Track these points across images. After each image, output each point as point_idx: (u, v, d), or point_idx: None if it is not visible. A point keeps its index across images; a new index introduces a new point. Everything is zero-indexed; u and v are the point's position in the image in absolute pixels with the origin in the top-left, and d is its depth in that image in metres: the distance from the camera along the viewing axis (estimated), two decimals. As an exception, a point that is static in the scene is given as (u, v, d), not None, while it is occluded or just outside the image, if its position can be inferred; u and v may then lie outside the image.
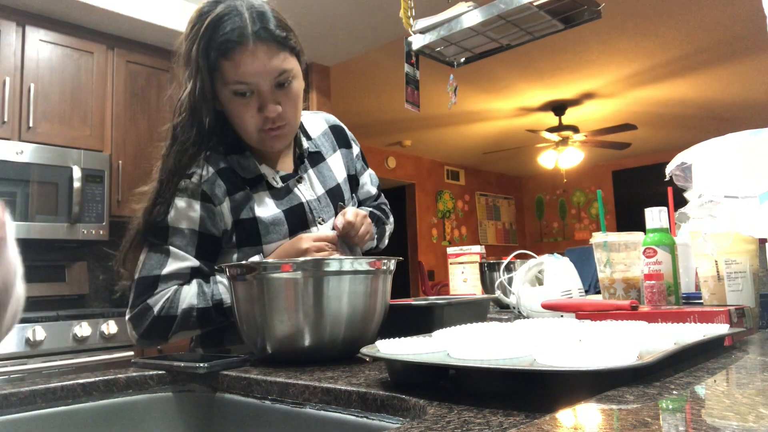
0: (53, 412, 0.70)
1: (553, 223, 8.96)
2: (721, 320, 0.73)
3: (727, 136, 1.02)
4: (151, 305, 0.99)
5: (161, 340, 1.01)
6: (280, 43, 1.03)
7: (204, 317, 1.00)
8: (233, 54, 1.00)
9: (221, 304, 1.00)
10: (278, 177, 1.13)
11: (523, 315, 1.20)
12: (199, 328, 1.03)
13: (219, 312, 1.01)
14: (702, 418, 0.42)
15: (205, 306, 1.00)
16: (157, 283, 1.00)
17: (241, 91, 1.02)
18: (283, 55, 1.03)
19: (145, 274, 1.01)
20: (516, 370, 0.50)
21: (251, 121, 1.05)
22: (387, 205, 1.41)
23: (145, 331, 1.00)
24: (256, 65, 1.00)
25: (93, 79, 3.08)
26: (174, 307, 0.99)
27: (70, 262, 3.13)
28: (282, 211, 1.10)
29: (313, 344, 0.79)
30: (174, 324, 0.99)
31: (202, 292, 1.01)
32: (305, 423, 0.63)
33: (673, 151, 1.21)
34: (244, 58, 1.00)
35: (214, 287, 1.01)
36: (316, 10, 3.17)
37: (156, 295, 1.00)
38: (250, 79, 1.01)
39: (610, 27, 4.00)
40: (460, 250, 1.98)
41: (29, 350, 2.41)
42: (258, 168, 1.11)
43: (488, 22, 1.61)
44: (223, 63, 1.01)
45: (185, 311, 0.99)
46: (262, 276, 0.79)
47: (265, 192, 1.11)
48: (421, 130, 6.47)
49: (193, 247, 1.03)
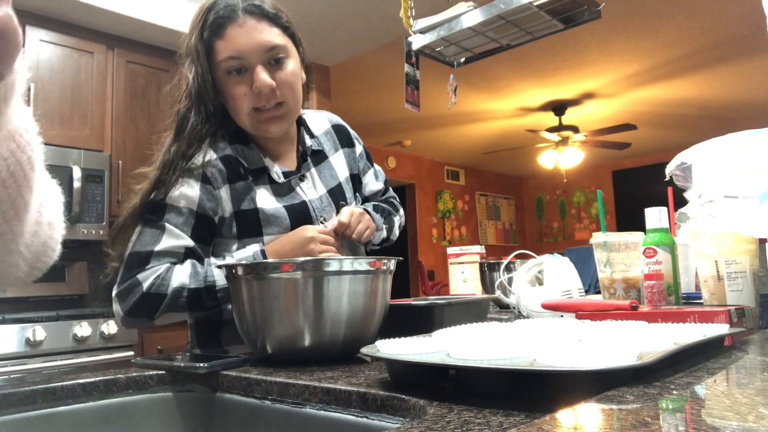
0: (53, 412, 0.70)
1: (553, 223, 8.96)
2: (721, 320, 0.73)
3: (727, 136, 1.02)
4: (141, 281, 0.97)
5: (147, 320, 0.98)
6: (272, 20, 1.04)
7: (195, 299, 0.98)
8: (224, 31, 1.02)
9: (213, 287, 0.98)
10: (281, 171, 1.12)
11: (523, 315, 1.20)
12: (188, 311, 1.00)
13: (211, 295, 0.99)
14: (702, 418, 0.42)
15: (197, 287, 0.98)
16: (149, 258, 0.98)
17: (233, 67, 1.02)
18: (275, 30, 1.04)
19: (138, 249, 0.99)
20: (516, 370, 0.50)
21: (244, 101, 1.04)
22: (396, 199, 1.41)
23: (131, 307, 0.97)
24: (245, 38, 1.01)
25: (93, 79, 3.08)
26: (165, 285, 0.97)
27: (70, 262, 3.14)
28: (284, 206, 1.09)
29: (313, 344, 0.79)
30: (163, 303, 0.97)
31: (196, 272, 0.99)
32: (305, 423, 0.63)
33: (673, 151, 1.21)
34: (234, 32, 1.02)
35: (208, 269, 1.00)
36: (316, 10, 3.17)
37: (147, 271, 0.97)
38: (241, 53, 1.02)
39: (610, 27, 4.00)
40: (460, 250, 1.98)
41: (29, 350, 2.41)
42: (262, 160, 1.10)
43: (488, 22, 1.61)
44: (216, 42, 1.03)
45: (176, 290, 0.97)
46: (262, 276, 0.79)
47: (267, 186, 1.10)
48: (421, 130, 6.47)
49: (189, 227, 1.01)
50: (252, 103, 1.04)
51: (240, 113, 1.06)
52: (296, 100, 1.09)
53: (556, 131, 5.96)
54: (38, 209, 0.63)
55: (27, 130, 0.56)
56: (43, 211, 0.65)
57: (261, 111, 1.05)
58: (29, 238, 0.63)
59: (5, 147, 0.53)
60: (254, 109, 1.05)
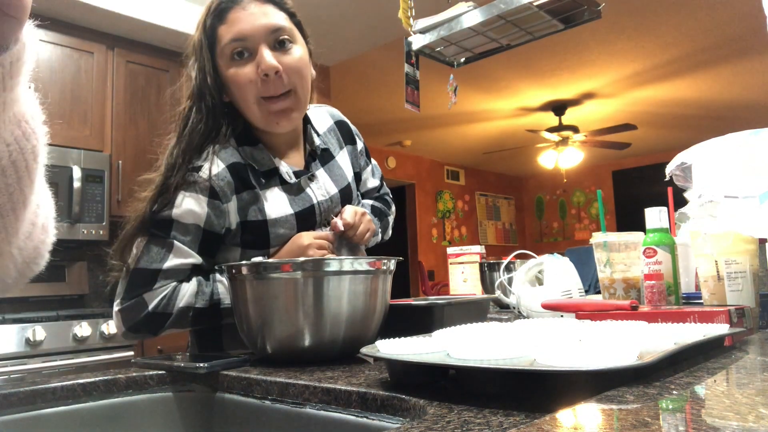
0: (53, 412, 0.70)
1: (553, 223, 8.96)
2: (721, 320, 0.73)
3: (727, 136, 1.02)
4: (147, 301, 0.95)
5: (150, 335, 0.97)
6: (276, 4, 1.03)
7: (200, 317, 0.98)
8: (227, 15, 1.01)
9: (219, 305, 0.98)
10: (291, 172, 1.09)
11: (523, 315, 1.20)
12: (193, 326, 1.01)
13: (216, 312, 0.98)
14: (702, 418, 0.42)
15: (203, 306, 0.97)
16: (156, 277, 0.95)
17: (237, 48, 1.00)
18: (280, 14, 1.03)
19: (144, 266, 0.96)
20: (516, 370, 0.50)
21: (250, 88, 1.00)
22: (389, 195, 1.40)
23: (135, 325, 0.96)
24: (249, 19, 1.00)
25: (93, 79, 3.08)
26: (171, 305, 0.95)
27: (70, 262, 3.14)
28: (294, 213, 1.06)
29: (313, 344, 0.79)
30: (168, 321, 0.96)
31: (202, 291, 0.98)
32: (305, 423, 0.63)
33: (673, 151, 1.21)
34: (237, 15, 1.00)
35: (213, 286, 0.99)
36: (316, 10, 3.17)
37: (153, 291, 0.95)
38: (245, 34, 0.99)
39: (610, 27, 4.00)
40: (460, 250, 1.98)
41: (29, 350, 2.41)
42: (272, 160, 1.07)
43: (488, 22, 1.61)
44: (220, 29, 1.01)
45: (182, 310, 0.96)
46: (262, 276, 0.79)
47: (279, 186, 1.07)
48: (421, 130, 6.47)
49: (196, 244, 0.99)
50: (258, 91, 1.00)
51: (248, 104, 1.02)
52: (305, 90, 1.05)
53: (556, 131, 5.96)
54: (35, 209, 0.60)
55: (33, 117, 0.53)
56: (39, 212, 0.62)
57: (270, 101, 1.01)
58: (23, 240, 0.60)
59: (9, 132, 0.50)
60: (263, 98, 1.01)
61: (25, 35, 0.47)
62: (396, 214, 1.44)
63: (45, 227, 0.65)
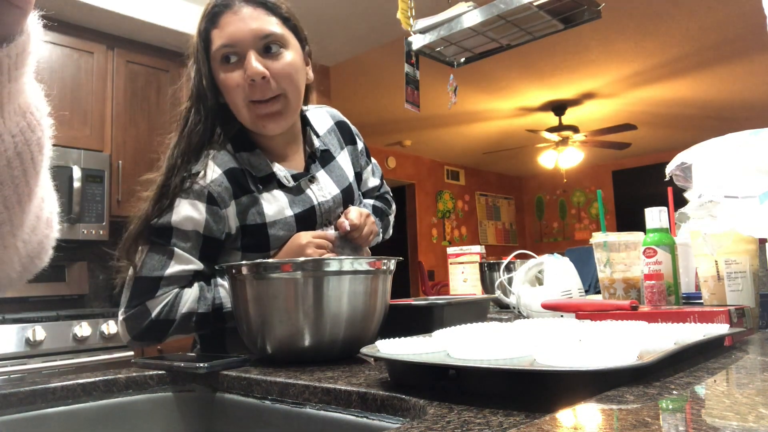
0: (53, 412, 0.70)
1: (553, 223, 8.96)
2: (721, 320, 0.73)
3: (727, 136, 1.02)
4: (150, 308, 0.96)
5: (155, 342, 0.98)
6: (269, 9, 1.03)
7: (203, 322, 0.99)
8: (219, 19, 1.01)
9: (221, 309, 0.99)
10: (290, 176, 1.09)
11: (523, 315, 1.20)
12: (196, 331, 1.01)
13: (218, 316, 0.99)
14: (702, 418, 0.42)
15: (206, 311, 0.98)
16: (158, 285, 0.96)
17: (226, 54, 1.01)
18: (272, 19, 1.03)
19: (146, 275, 0.97)
20: (516, 370, 0.50)
21: (238, 92, 1.01)
22: (390, 194, 1.40)
23: (139, 333, 0.97)
24: (239, 24, 1.00)
25: (93, 79, 3.08)
26: (174, 312, 0.96)
27: (70, 262, 3.13)
28: (294, 214, 1.06)
29: (313, 344, 0.79)
30: (171, 327, 0.97)
31: (204, 297, 0.98)
32: (305, 423, 0.63)
33: (673, 151, 1.21)
34: (229, 19, 1.01)
35: (215, 291, 0.99)
36: (316, 10, 3.17)
37: (156, 299, 0.96)
38: (234, 40, 1.00)
39: (610, 27, 4.00)
40: (460, 250, 1.98)
41: (29, 350, 2.41)
42: (269, 166, 1.07)
43: (488, 22, 1.61)
44: (213, 32, 1.02)
45: (185, 315, 0.97)
46: (262, 276, 0.79)
47: (277, 190, 1.07)
48: (421, 130, 6.47)
49: (197, 250, 0.99)
50: (246, 95, 1.01)
51: (237, 107, 1.03)
52: (296, 94, 1.05)
53: (556, 131, 5.96)
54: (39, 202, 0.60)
55: (38, 108, 0.53)
56: (43, 206, 0.61)
57: (258, 104, 1.02)
58: (27, 234, 0.59)
59: (14, 123, 0.50)
60: (251, 102, 1.02)
61: (30, 26, 0.46)
62: (396, 214, 1.44)
63: (49, 221, 0.64)
